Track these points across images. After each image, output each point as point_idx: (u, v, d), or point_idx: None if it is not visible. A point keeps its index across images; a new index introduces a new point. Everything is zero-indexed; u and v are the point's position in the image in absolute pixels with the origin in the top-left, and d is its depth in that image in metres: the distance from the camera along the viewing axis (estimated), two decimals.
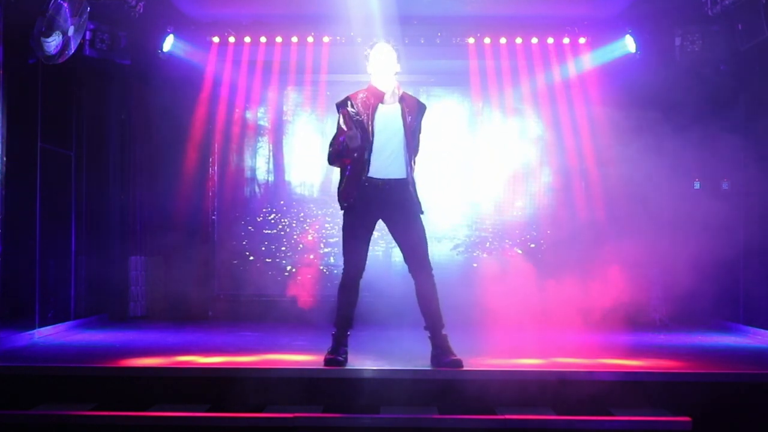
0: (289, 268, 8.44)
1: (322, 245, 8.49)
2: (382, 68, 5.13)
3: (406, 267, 5.15)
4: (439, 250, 8.16)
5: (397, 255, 8.06)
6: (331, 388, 4.82)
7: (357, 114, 5.09)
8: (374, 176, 5.05)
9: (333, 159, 5.21)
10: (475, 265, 8.46)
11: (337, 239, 8.06)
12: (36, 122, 6.55)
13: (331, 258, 8.40)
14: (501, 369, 5.04)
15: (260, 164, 8.75)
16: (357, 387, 4.80)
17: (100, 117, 7.91)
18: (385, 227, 5.22)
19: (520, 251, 8.46)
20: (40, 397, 4.83)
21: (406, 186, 5.08)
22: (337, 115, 5.20)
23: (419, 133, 5.22)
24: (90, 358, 5.56)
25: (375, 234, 5.27)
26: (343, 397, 4.76)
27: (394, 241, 5.26)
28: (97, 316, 7.67)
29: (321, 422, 4.48)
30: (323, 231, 8.49)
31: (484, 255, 8.51)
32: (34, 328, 6.45)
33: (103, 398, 4.79)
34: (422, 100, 5.47)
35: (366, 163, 5.04)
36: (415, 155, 5.22)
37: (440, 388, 4.81)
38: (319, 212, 8.51)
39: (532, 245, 8.48)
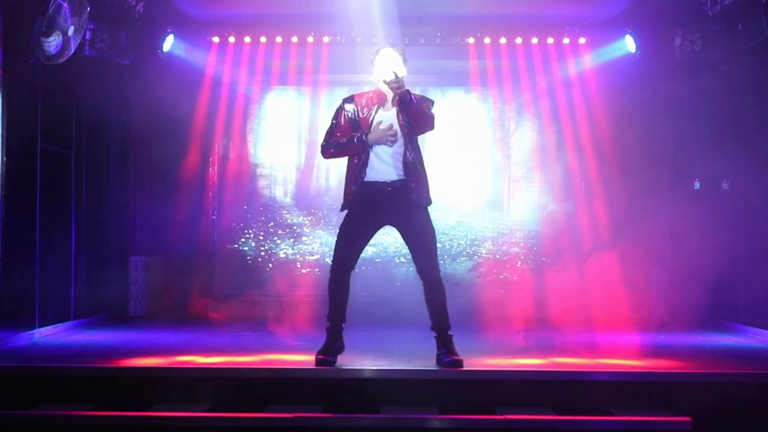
0: (290, 267, 8.44)
1: (323, 243, 8.49)
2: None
3: (405, 269, 5.14)
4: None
5: (397, 261, 8.09)
6: (331, 388, 4.82)
7: (357, 114, 5.07)
8: (377, 179, 5.02)
9: (330, 152, 5.13)
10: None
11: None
12: (36, 122, 6.54)
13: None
14: (501, 369, 5.03)
15: (260, 164, 8.74)
16: (357, 387, 4.80)
17: (100, 117, 7.89)
18: (383, 243, 5.15)
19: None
20: (40, 397, 4.82)
21: (409, 186, 5.02)
22: (338, 109, 5.14)
23: (429, 109, 5.05)
24: (90, 358, 5.55)
25: (372, 249, 5.20)
26: (343, 397, 4.76)
27: (391, 256, 5.20)
28: (97, 316, 7.66)
29: (321, 422, 4.47)
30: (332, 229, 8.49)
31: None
32: (34, 328, 6.44)
33: (103, 398, 4.78)
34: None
35: (366, 166, 5.02)
36: (427, 126, 5.05)
37: (440, 388, 4.81)
38: (335, 207, 8.47)
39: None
